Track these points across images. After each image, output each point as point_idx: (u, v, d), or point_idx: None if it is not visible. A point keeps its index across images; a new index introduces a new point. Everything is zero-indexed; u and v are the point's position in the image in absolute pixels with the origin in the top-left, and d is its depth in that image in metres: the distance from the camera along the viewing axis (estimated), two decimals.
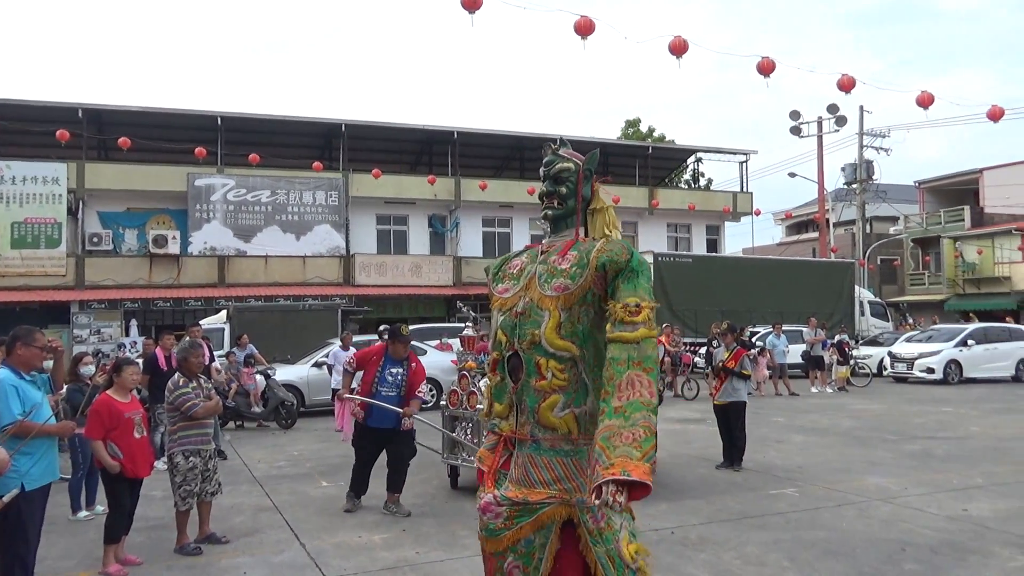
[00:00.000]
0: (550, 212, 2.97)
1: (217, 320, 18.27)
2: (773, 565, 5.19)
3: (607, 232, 2.93)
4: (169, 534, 5.93)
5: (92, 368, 6.84)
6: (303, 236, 26.20)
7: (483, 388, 6.83)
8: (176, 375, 6.00)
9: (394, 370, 6.76)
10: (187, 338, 8.38)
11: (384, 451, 6.93)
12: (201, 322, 17.80)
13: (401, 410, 6.67)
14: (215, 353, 12.10)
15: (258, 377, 12.64)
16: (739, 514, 6.53)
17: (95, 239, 23.90)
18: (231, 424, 12.64)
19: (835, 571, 5.07)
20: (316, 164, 24.46)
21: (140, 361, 9.05)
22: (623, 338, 2.52)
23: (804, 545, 5.63)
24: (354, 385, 7.08)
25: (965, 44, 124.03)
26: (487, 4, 10.16)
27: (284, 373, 13.85)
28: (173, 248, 24.11)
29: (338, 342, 13.06)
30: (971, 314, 29.42)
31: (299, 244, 26.12)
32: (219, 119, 25.80)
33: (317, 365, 14.02)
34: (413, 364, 6.90)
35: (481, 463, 2.91)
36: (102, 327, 22.46)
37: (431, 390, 15.15)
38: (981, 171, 38.57)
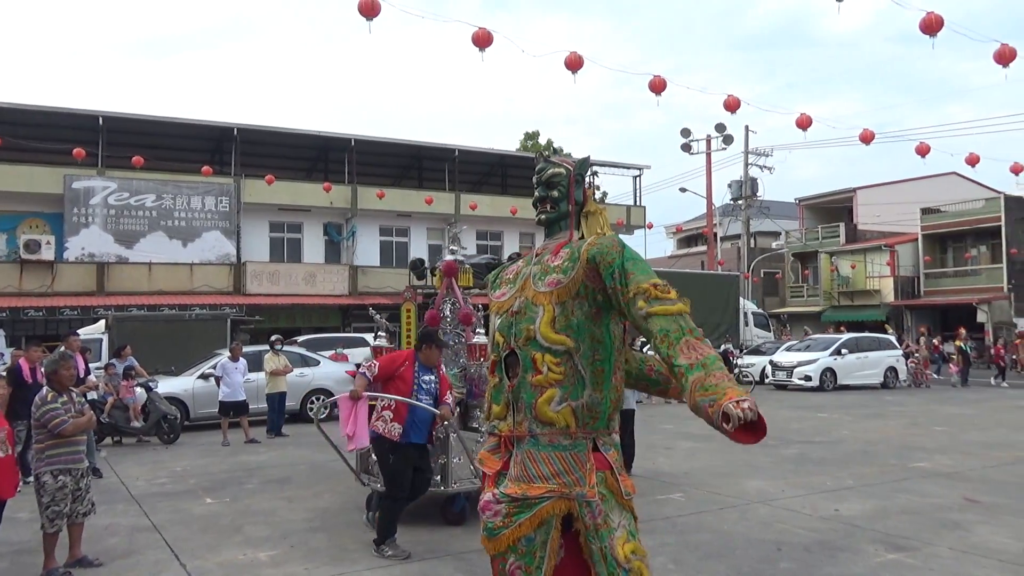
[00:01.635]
0: (544, 216, 3.05)
1: (95, 330, 17.27)
2: (659, 569, 5.34)
3: (599, 232, 2.99)
4: (35, 559, 5.54)
5: None
6: (191, 243, 25.15)
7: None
8: (44, 389, 5.62)
9: (427, 377, 6.01)
10: (59, 349, 7.87)
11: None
12: (79, 332, 16.81)
13: (438, 411, 5.98)
14: (91, 365, 11.45)
15: (138, 390, 12.01)
16: None
17: None
18: (108, 440, 11.96)
19: (716, 572, 5.26)
20: (206, 168, 23.53)
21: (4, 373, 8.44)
22: (667, 311, 2.53)
23: (689, 548, 5.82)
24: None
25: (843, 70, 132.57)
26: (385, 11, 10.08)
27: (168, 385, 13.23)
28: (47, 254, 22.66)
29: (227, 353, 12.58)
30: (842, 327, 31.29)
31: (186, 251, 25.05)
32: (100, 119, 24.47)
33: (204, 377, 13.46)
34: (440, 370, 6.28)
35: (483, 465, 2.89)
36: None
37: (324, 402, 14.83)
38: (855, 190, 41.18)
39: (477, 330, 7.26)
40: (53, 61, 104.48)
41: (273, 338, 13.39)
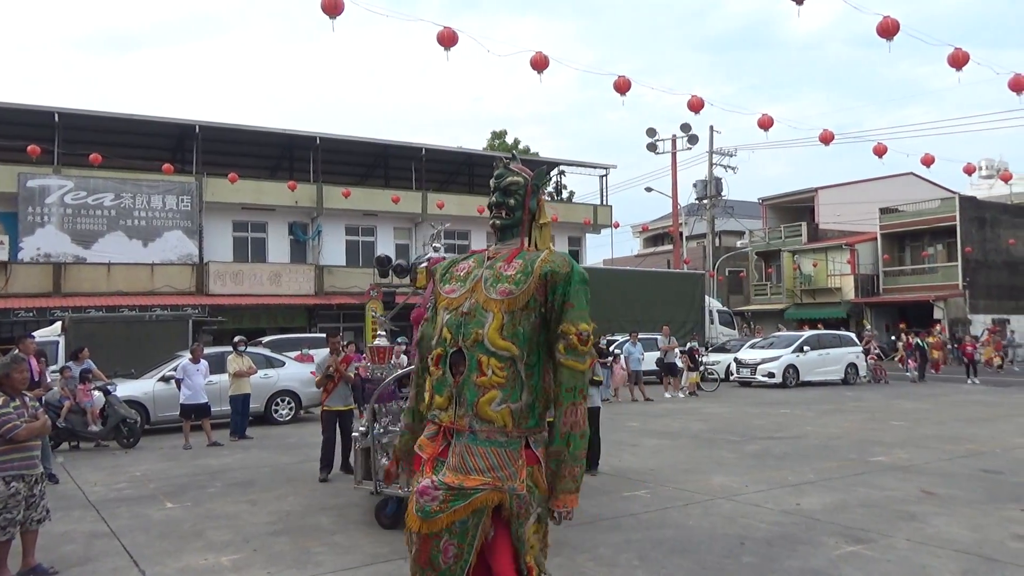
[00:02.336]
0: (498, 222, 3.17)
1: (51, 332, 16.87)
2: (624, 565, 5.38)
3: (550, 245, 3.22)
4: None
5: None
6: (151, 243, 24.72)
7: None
8: None
9: None
10: (12, 352, 7.66)
11: None
12: (34, 334, 16.42)
13: None
14: (48, 368, 11.18)
15: (96, 393, 11.76)
16: (593, 517, 6.71)
17: None
18: (65, 445, 11.70)
19: (681, 567, 5.31)
20: (166, 166, 23.14)
21: None
22: (575, 368, 2.86)
23: (653, 544, 5.86)
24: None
25: (806, 72, 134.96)
26: (351, 10, 10.00)
27: (127, 388, 12.96)
28: (1, 254, 22.10)
29: (188, 354, 12.37)
30: (805, 324, 31.81)
31: (146, 251, 24.62)
32: (56, 115, 23.92)
33: (164, 379, 13.22)
34: None
35: (421, 450, 3.03)
36: None
37: (289, 403, 14.70)
38: (816, 190, 41.90)
39: None
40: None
41: (236, 339, 13.20)
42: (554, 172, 38.40)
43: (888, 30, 10.15)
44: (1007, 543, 5.72)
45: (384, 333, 8.01)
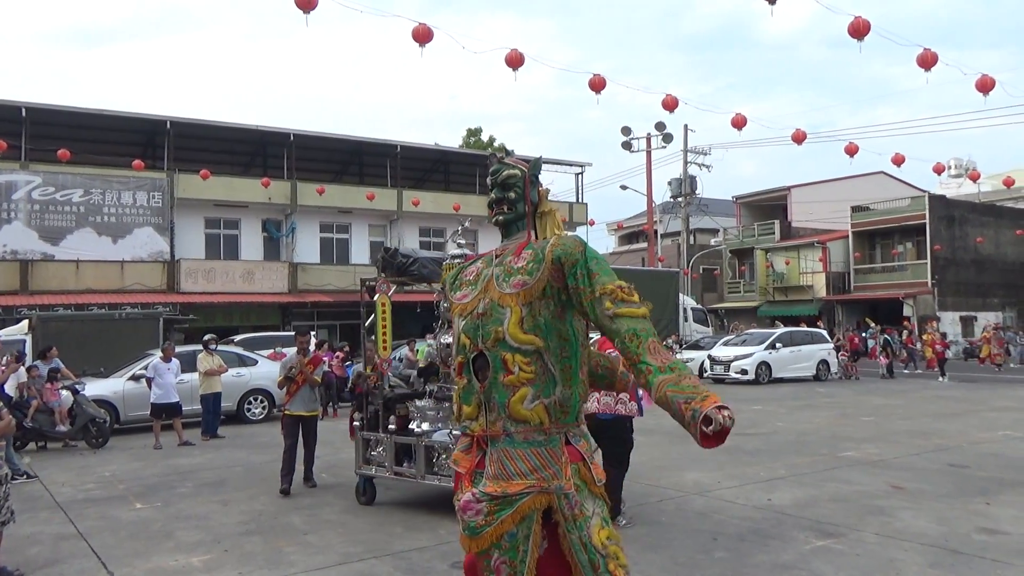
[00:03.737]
0: (501, 217, 3.05)
1: (18, 331, 16.55)
2: None
3: (556, 232, 3.04)
4: None
5: None
6: (121, 240, 24.34)
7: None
8: None
9: None
10: None
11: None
12: (0, 333, 16.12)
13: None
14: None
15: (64, 393, 11.57)
16: None
17: None
18: (32, 445, 11.50)
19: (654, 563, 5.34)
20: (137, 163, 22.80)
21: None
22: (633, 314, 2.63)
23: (627, 540, 5.80)
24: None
25: (780, 72, 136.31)
26: (325, 5, 9.89)
27: (96, 388, 12.76)
28: None
29: (159, 353, 12.21)
30: (777, 320, 32.16)
31: (116, 248, 24.23)
32: (23, 110, 23.44)
33: (134, 378, 13.04)
34: None
35: (456, 465, 2.90)
36: None
37: (262, 402, 14.57)
38: (789, 189, 42.36)
39: None
40: None
41: (206, 337, 13.05)
42: None
43: (859, 31, 10.27)
44: (972, 536, 5.82)
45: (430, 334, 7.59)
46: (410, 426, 6.95)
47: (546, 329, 2.75)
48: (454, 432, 6.24)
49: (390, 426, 7.07)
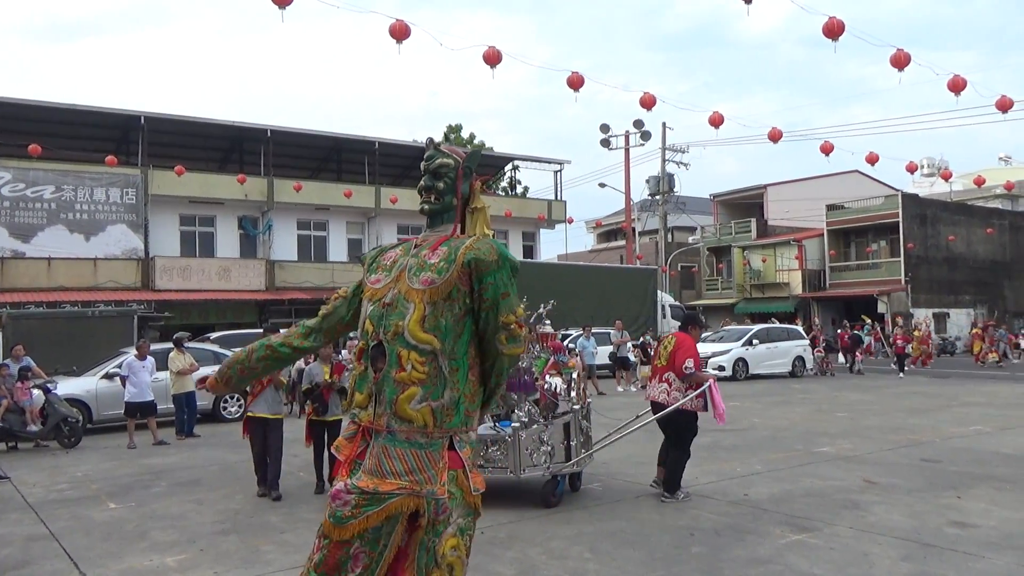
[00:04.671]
0: (427, 207, 3.01)
1: None
2: (575, 557, 5.41)
3: (486, 231, 3.01)
4: None
5: None
6: (94, 237, 24.03)
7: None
8: None
9: None
10: None
11: None
12: None
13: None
14: None
15: (35, 392, 11.38)
16: (546, 511, 6.74)
17: None
18: (2, 446, 11.31)
19: (631, 558, 5.36)
20: (110, 158, 22.46)
21: None
22: (515, 354, 2.86)
23: (605, 536, 5.91)
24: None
25: (757, 71, 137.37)
26: (299, 1, 9.82)
27: (68, 386, 12.56)
28: None
29: (133, 351, 12.05)
30: (747, 318, 32.44)
31: (89, 245, 23.92)
32: None
33: (108, 377, 12.86)
34: None
35: (338, 452, 2.87)
36: None
37: (238, 400, 14.42)
38: (765, 187, 42.75)
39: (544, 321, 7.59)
40: None
41: (177, 335, 12.89)
42: (509, 167, 38.43)
43: (833, 30, 10.38)
44: (944, 529, 5.91)
45: (548, 321, 7.59)
46: None
47: (445, 331, 2.73)
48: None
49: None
